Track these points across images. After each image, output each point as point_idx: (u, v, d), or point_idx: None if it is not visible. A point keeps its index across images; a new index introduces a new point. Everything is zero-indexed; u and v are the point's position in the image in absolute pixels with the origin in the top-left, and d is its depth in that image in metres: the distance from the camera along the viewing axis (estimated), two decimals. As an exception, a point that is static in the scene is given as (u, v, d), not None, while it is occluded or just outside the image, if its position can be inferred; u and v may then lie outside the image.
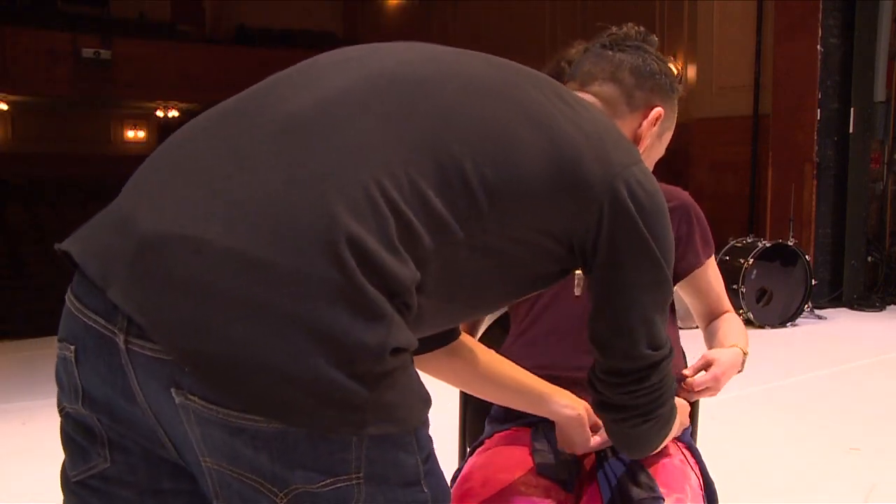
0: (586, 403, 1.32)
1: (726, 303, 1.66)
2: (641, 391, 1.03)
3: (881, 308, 7.18)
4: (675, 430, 1.33)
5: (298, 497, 0.77)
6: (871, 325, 6.58)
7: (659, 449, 1.22)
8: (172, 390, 0.76)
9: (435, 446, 0.91)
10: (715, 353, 1.44)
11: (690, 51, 9.37)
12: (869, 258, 7.59)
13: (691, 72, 9.38)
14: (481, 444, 1.54)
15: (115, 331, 0.78)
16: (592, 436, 1.32)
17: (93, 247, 0.81)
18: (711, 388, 1.41)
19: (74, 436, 0.87)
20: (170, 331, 0.74)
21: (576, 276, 1.51)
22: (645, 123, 1.21)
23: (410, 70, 0.90)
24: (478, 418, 1.66)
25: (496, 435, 1.53)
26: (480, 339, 1.72)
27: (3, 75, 12.51)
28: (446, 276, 0.87)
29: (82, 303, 0.81)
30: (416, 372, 0.85)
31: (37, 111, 14.26)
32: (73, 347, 0.82)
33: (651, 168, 1.31)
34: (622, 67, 1.22)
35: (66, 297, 0.84)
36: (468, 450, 1.61)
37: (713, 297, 1.64)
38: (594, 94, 1.20)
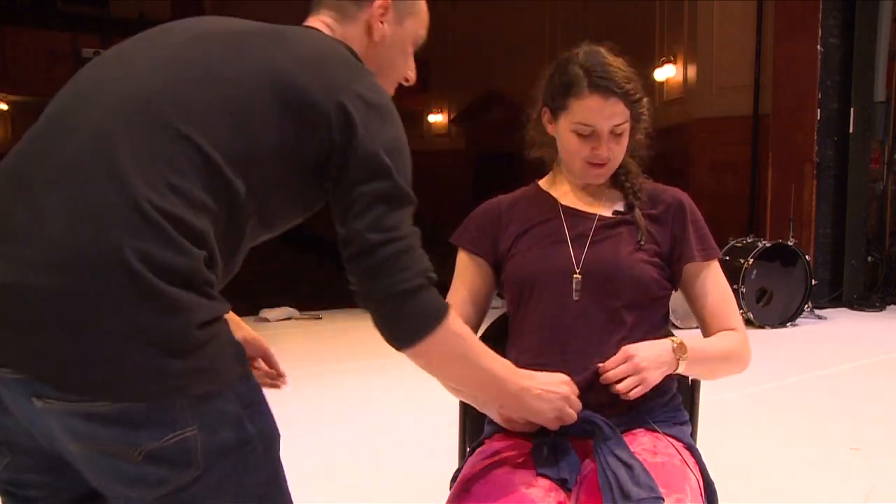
0: None
1: (733, 320, 1.58)
2: (368, 273, 1.12)
3: (881, 308, 7.19)
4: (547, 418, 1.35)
5: (150, 453, 0.99)
6: (871, 325, 6.58)
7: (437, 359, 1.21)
8: (34, 399, 0.97)
9: (435, 446, 0.93)
10: (634, 345, 1.45)
11: (690, 51, 9.37)
12: (869, 258, 7.60)
13: (691, 72, 9.38)
14: (481, 444, 1.54)
15: None
16: None
17: None
18: (633, 375, 1.40)
19: None
20: (23, 360, 0.96)
21: (573, 281, 1.51)
22: (373, 14, 1.28)
23: (150, 84, 1.07)
24: (478, 418, 1.66)
25: (496, 435, 1.53)
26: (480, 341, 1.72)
27: (3, 75, 12.49)
28: (231, 237, 1.09)
29: None
30: (230, 335, 1.07)
31: (37, 111, 14.16)
32: None
33: (411, 52, 1.35)
34: None
35: None
36: (468, 450, 1.62)
37: (712, 306, 1.57)
38: (326, 12, 1.29)
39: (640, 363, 1.41)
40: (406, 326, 1.15)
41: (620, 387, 1.41)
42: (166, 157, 1.02)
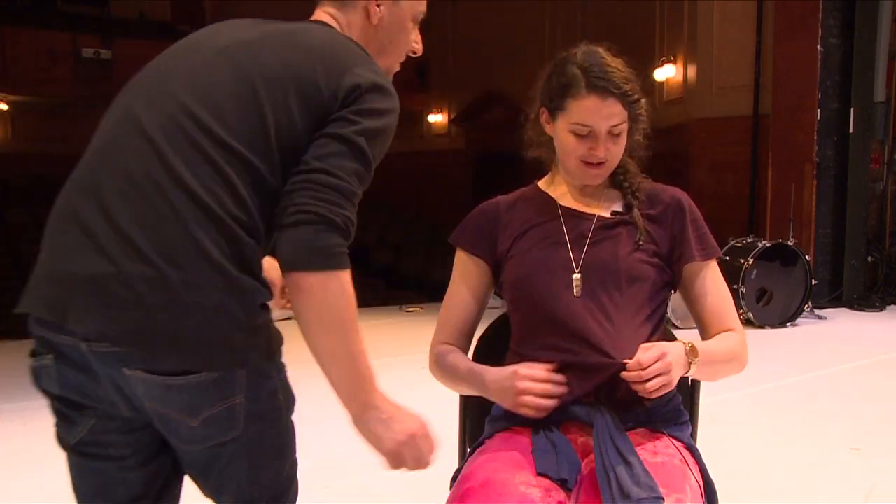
0: None
1: (732, 321, 1.58)
2: (293, 188, 1.18)
3: (881, 308, 7.19)
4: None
5: (206, 419, 1.16)
6: (871, 325, 6.58)
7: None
8: (124, 369, 1.14)
9: (435, 446, 1.20)
10: (662, 344, 1.42)
11: (690, 51, 9.36)
12: (869, 258, 7.59)
13: (691, 72, 9.38)
14: (481, 444, 1.54)
15: (79, 342, 1.15)
16: None
17: (43, 301, 1.18)
18: (663, 374, 1.37)
19: (64, 410, 1.24)
20: (120, 335, 1.13)
21: (573, 279, 1.52)
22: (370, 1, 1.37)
23: (187, 99, 1.21)
24: (478, 418, 1.67)
25: (496, 435, 1.53)
26: (481, 341, 1.73)
27: (3, 75, 12.49)
28: (267, 228, 1.21)
29: (50, 331, 1.18)
30: (271, 315, 1.22)
31: (37, 111, 14.22)
32: (51, 356, 1.19)
33: (413, 27, 1.43)
34: None
35: (32, 332, 1.21)
36: (468, 450, 1.62)
37: (712, 306, 1.57)
38: (328, 3, 1.37)
39: (671, 362, 1.39)
40: (303, 251, 1.15)
41: (650, 385, 1.37)
42: (212, 162, 1.16)
